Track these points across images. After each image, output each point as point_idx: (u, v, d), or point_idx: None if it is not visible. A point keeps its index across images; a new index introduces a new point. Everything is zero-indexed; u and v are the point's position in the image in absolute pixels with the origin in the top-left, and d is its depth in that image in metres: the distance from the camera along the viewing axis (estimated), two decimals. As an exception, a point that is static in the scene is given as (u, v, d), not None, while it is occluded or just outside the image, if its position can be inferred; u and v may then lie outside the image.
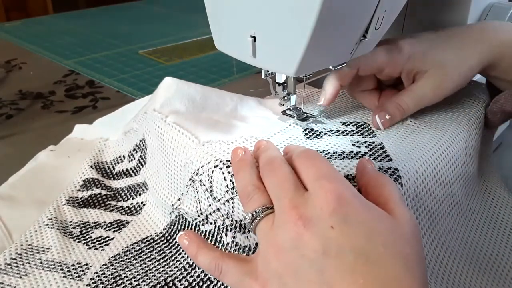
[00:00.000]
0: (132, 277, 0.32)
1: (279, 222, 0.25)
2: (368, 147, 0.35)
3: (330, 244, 0.23)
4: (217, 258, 0.28)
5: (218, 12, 0.33)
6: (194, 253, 0.29)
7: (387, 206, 0.25)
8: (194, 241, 0.29)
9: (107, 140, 0.50)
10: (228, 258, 0.27)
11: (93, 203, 0.42)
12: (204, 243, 0.29)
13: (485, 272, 0.34)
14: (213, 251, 0.28)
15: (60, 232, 0.37)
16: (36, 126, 0.58)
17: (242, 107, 0.43)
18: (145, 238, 0.37)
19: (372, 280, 0.22)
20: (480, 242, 0.37)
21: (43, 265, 0.34)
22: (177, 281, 0.32)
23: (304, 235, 0.23)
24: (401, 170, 0.32)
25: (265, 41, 0.31)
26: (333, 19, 0.28)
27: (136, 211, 0.41)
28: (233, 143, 0.34)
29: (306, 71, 0.34)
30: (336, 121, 0.40)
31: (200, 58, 0.86)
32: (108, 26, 1.10)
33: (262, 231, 0.26)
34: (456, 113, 0.41)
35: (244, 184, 0.29)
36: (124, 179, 0.45)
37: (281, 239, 0.25)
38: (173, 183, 0.37)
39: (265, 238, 0.26)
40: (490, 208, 0.41)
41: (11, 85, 0.72)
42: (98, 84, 0.73)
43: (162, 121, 0.39)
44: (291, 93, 0.39)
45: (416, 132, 0.38)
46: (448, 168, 0.36)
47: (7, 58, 0.84)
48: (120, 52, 0.90)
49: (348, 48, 0.33)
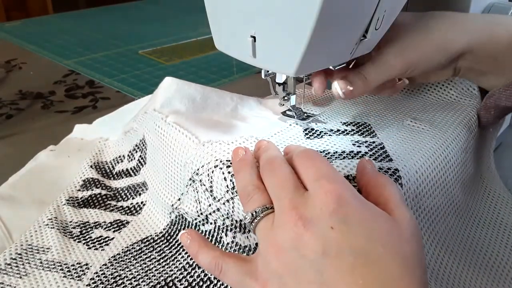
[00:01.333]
0: (132, 277, 0.32)
1: (279, 222, 0.25)
2: (368, 147, 0.35)
3: (330, 244, 0.23)
4: (217, 257, 0.28)
5: (218, 12, 0.33)
6: (195, 252, 0.29)
7: (387, 207, 0.25)
8: (196, 239, 0.29)
9: (107, 140, 0.50)
10: (228, 258, 0.27)
11: (93, 203, 0.42)
12: (205, 242, 0.29)
13: (485, 272, 0.34)
14: (213, 250, 0.28)
15: (60, 232, 0.37)
16: (36, 126, 0.58)
17: (243, 107, 0.43)
18: (145, 238, 0.37)
19: (371, 281, 0.22)
20: (480, 242, 0.37)
21: (43, 265, 0.34)
22: (177, 281, 0.32)
23: (304, 236, 0.23)
24: (401, 171, 0.32)
25: (265, 41, 0.31)
26: (333, 19, 0.28)
27: (136, 211, 0.41)
28: (233, 143, 0.34)
29: (306, 71, 0.34)
30: (336, 121, 0.40)
31: (200, 58, 0.86)
32: (108, 26, 1.10)
33: (262, 231, 0.26)
34: (456, 113, 0.41)
35: (244, 183, 0.29)
36: (124, 179, 0.45)
37: (281, 239, 0.24)
38: (173, 183, 0.37)
39: (265, 238, 0.26)
40: (490, 208, 0.41)
41: (11, 85, 0.72)
42: (98, 84, 0.73)
43: (162, 121, 0.39)
44: (291, 93, 0.39)
45: (416, 132, 0.38)
46: (448, 169, 0.36)
47: (7, 58, 0.84)
48: (120, 52, 0.90)
49: (348, 48, 0.33)
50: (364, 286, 0.21)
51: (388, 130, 0.38)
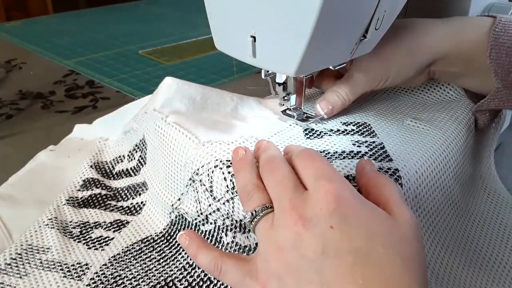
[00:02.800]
0: (132, 277, 0.32)
1: (278, 222, 0.25)
2: (368, 147, 0.35)
3: (330, 244, 0.23)
4: (217, 258, 0.28)
5: (218, 12, 0.33)
6: (193, 253, 0.29)
7: (387, 206, 0.25)
8: (194, 240, 0.29)
9: (107, 140, 0.50)
10: (227, 258, 0.27)
11: (93, 203, 0.42)
12: (204, 243, 0.29)
13: (485, 272, 0.34)
14: (213, 251, 0.28)
15: (60, 232, 0.37)
16: (36, 126, 0.58)
17: (243, 107, 0.43)
18: (145, 238, 0.37)
19: (371, 281, 0.22)
20: (480, 242, 0.37)
21: (43, 265, 0.34)
22: (177, 281, 0.32)
23: (304, 235, 0.23)
24: (401, 170, 0.32)
25: (265, 41, 0.31)
26: (333, 19, 0.28)
27: (136, 211, 0.41)
28: (233, 143, 0.34)
29: (306, 71, 0.34)
30: (336, 121, 0.40)
31: (200, 58, 0.86)
32: (108, 26, 1.10)
33: (262, 230, 0.26)
34: (456, 113, 0.41)
35: (244, 183, 0.29)
36: (124, 179, 0.45)
37: (281, 239, 0.24)
38: (173, 183, 0.37)
39: (265, 238, 0.26)
40: (490, 208, 0.41)
41: (11, 85, 0.72)
42: (98, 84, 0.73)
43: (162, 121, 0.39)
44: (291, 93, 0.39)
45: (416, 132, 0.38)
46: (448, 168, 0.36)
47: (7, 58, 0.84)
48: (120, 52, 0.90)
49: (348, 48, 0.33)
50: (364, 285, 0.21)
51: (388, 130, 0.38)
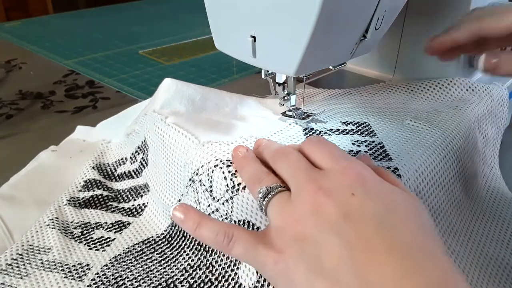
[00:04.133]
0: (133, 278, 0.33)
1: (296, 195, 0.24)
2: (368, 146, 0.35)
3: (352, 210, 0.22)
4: (226, 227, 0.26)
5: (218, 12, 0.33)
6: (194, 226, 0.26)
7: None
8: (192, 212, 0.27)
9: (109, 142, 0.50)
10: (237, 228, 0.26)
11: (94, 203, 0.42)
12: (204, 215, 0.27)
13: (487, 271, 0.34)
14: (219, 222, 0.26)
15: (61, 232, 0.37)
16: (36, 126, 0.58)
17: (242, 107, 0.43)
18: (146, 239, 0.37)
19: (397, 245, 0.21)
20: (482, 243, 0.37)
21: (44, 265, 0.34)
22: (178, 282, 0.32)
23: (324, 204, 0.23)
24: (401, 170, 0.32)
25: (265, 41, 0.31)
26: (333, 19, 0.28)
27: (138, 213, 0.41)
28: (233, 143, 0.34)
29: (306, 71, 0.34)
30: (336, 120, 0.40)
31: (200, 58, 0.86)
32: (108, 26, 1.10)
33: (276, 206, 0.25)
34: (456, 113, 0.41)
35: (251, 173, 0.28)
36: (125, 180, 0.45)
37: (299, 209, 0.24)
38: (174, 184, 0.37)
39: (280, 211, 0.25)
40: (492, 208, 0.41)
41: (11, 85, 0.72)
42: (98, 84, 0.73)
43: (162, 122, 0.39)
44: (291, 93, 0.39)
45: (416, 131, 0.38)
46: (448, 168, 0.36)
47: (7, 58, 0.84)
48: (120, 52, 0.90)
49: (348, 48, 0.33)
50: (391, 248, 0.21)
51: (388, 130, 0.38)
